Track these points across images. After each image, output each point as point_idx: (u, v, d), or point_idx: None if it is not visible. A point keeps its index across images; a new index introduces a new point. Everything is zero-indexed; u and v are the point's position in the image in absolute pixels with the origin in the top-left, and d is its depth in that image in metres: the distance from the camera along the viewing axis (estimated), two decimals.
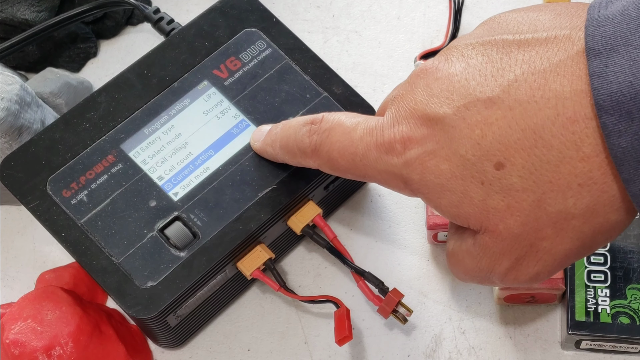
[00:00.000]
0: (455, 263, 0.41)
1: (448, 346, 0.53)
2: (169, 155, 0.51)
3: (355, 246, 0.56)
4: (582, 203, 0.35)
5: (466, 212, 0.37)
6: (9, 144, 0.53)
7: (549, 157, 0.34)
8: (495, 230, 0.37)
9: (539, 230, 0.36)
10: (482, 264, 0.39)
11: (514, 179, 0.35)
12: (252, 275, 0.50)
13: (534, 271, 0.37)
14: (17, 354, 0.49)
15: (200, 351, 0.54)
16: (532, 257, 0.37)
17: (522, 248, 0.37)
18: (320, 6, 0.64)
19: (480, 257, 0.38)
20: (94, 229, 0.49)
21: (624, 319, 0.50)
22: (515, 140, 0.35)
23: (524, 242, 0.36)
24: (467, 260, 0.40)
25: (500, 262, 0.38)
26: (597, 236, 0.36)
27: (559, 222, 0.35)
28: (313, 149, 0.43)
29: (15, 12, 0.60)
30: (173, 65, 0.53)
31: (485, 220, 0.37)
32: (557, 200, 0.35)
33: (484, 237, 0.37)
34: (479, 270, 0.39)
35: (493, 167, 0.35)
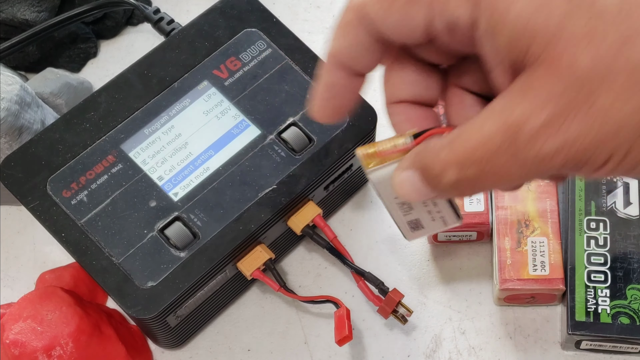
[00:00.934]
0: (463, 140, 0.33)
1: (448, 346, 0.53)
2: (169, 156, 0.51)
3: (355, 246, 0.56)
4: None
5: (534, 28, 0.30)
6: (9, 144, 0.53)
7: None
8: (557, 62, 0.30)
9: (609, 75, 0.30)
10: (512, 115, 0.31)
11: (609, 5, 0.30)
12: (252, 275, 0.50)
13: (571, 135, 0.30)
14: (17, 354, 0.49)
15: (200, 351, 0.54)
16: (583, 111, 0.30)
17: (577, 94, 0.30)
18: (320, 6, 0.64)
19: (514, 105, 0.31)
20: (94, 229, 0.49)
21: (624, 319, 0.50)
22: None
23: (584, 86, 0.30)
24: (489, 123, 0.32)
25: (541, 109, 0.31)
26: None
27: (635, 74, 0.30)
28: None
29: (15, 12, 0.60)
30: (173, 66, 0.53)
31: (552, 45, 0.30)
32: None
33: (532, 73, 0.31)
34: (504, 130, 0.31)
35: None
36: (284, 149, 0.51)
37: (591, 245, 0.52)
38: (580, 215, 0.53)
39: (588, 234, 0.53)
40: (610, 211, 0.53)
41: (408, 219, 0.38)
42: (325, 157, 0.51)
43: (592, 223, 0.53)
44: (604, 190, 0.54)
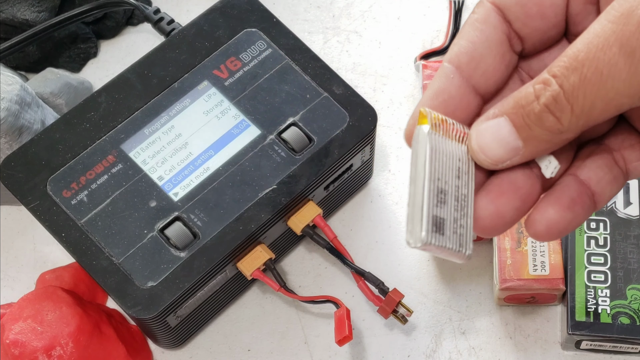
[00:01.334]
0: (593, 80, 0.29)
1: (448, 346, 0.53)
2: (169, 156, 0.51)
3: (356, 246, 0.56)
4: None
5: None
6: (9, 144, 0.53)
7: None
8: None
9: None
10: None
11: None
12: (252, 275, 0.50)
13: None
14: (17, 354, 0.49)
15: (201, 351, 0.54)
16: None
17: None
18: (320, 6, 0.64)
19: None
20: (94, 229, 0.49)
21: (624, 319, 0.50)
22: None
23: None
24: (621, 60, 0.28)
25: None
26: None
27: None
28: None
29: (15, 12, 0.60)
30: (173, 66, 0.53)
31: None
32: None
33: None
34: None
35: None
36: (284, 149, 0.51)
37: (591, 245, 0.52)
38: None
39: (588, 234, 0.53)
40: (610, 211, 0.53)
41: (437, 212, 0.32)
42: (325, 157, 0.51)
43: (592, 223, 0.53)
44: None
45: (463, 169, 0.33)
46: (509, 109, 0.31)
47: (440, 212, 0.32)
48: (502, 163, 0.32)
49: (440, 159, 0.32)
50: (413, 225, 0.32)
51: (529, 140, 0.31)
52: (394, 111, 0.60)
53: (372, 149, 0.54)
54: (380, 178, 0.58)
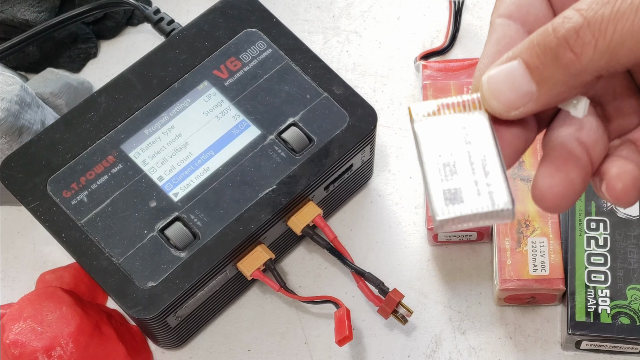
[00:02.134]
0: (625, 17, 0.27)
1: (448, 346, 0.53)
2: (169, 156, 0.51)
3: (356, 246, 0.56)
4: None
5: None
6: (9, 144, 0.53)
7: None
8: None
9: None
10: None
11: None
12: (252, 275, 0.50)
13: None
14: (18, 354, 0.49)
15: (201, 352, 0.54)
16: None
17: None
18: (320, 7, 0.64)
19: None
20: (94, 229, 0.49)
21: (624, 320, 0.50)
22: None
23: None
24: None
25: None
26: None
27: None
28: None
29: (15, 12, 0.60)
30: (173, 66, 0.53)
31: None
32: None
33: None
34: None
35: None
36: (284, 149, 0.51)
37: (591, 246, 0.52)
38: (581, 216, 0.53)
39: (588, 234, 0.53)
40: (611, 211, 0.53)
41: (447, 186, 0.31)
42: (326, 158, 0.51)
43: (592, 223, 0.53)
44: None
45: (473, 133, 0.32)
46: (523, 50, 0.29)
47: (450, 184, 0.31)
48: (515, 110, 0.30)
49: (436, 137, 0.32)
50: (431, 209, 0.31)
51: (543, 83, 0.29)
52: (394, 111, 0.60)
53: (372, 149, 0.54)
54: (380, 178, 0.58)
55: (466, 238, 0.55)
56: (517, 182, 0.54)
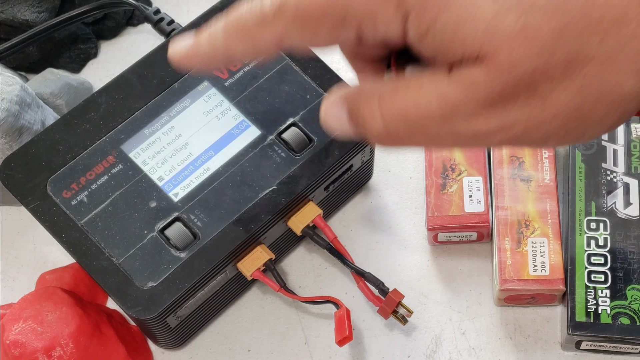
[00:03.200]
0: (398, 97, 0.33)
1: (448, 347, 0.53)
2: (169, 156, 0.51)
3: (356, 247, 0.56)
4: (606, 44, 0.29)
5: (465, 34, 0.30)
6: (9, 144, 0.53)
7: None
8: (495, 59, 0.30)
9: (548, 67, 0.30)
10: (449, 94, 0.31)
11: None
12: (252, 275, 0.50)
13: (511, 119, 0.31)
14: (18, 354, 0.49)
15: (201, 352, 0.54)
16: (522, 100, 0.31)
17: (517, 87, 0.30)
18: None
19: (451, 87, 0.31)
20: (94, 229, 0.49)
21: (624, 320, 0.50)
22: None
23: (524, 79, 0.30)
24: (426, 88, 0.32)
25: (478, 99, 0.31)
26: (599, 104, 0.30)
27: (573, 63, 0.30)
28: (278, 5, 0.34)
29: (15, 12, 0.60)
30: None
31: (487, 44, 0.30)
32: (581, 34, 0.29)
33: (472, 68, 0.31)
34: (439, 103, 0.32)
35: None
36: (284, 149, 0.51)
37: (591, 246, 0.52)
38: (581, 216, 0.53)
39: (588, 235, 0.53)
40: (611, 212, 0.53)
41: None
42: (326, 158, 0.51)
43: (592, 223, 0.53)
44: (604, 191, 0.54)
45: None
46: (348, 102, 0.35)
47: None
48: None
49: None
50: None
51: (361, 134, 0.35)
52: None
53: (372, 150, 0.54)
54: (380, 178, 0.58)
55: (466, 238, 0.55)
56: (517, 182, 0.54)
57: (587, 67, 0.30)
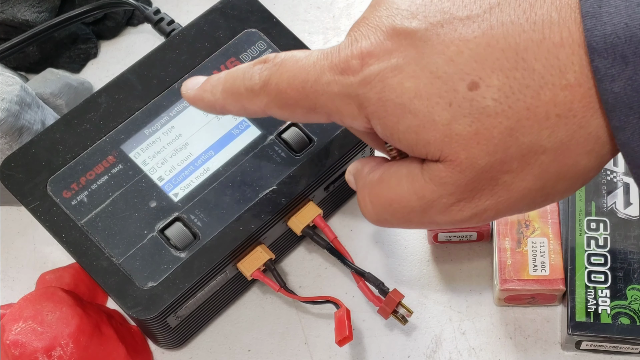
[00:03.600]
0: (383, 190, 0.37)
1: (448, 347, 0.53)
2: (169, 156, 0.51)
3: (356, 247, 0.56)
4: (556, 136, 0.32)
5: (426, 139, 0.33)
6: (10, 144, 0.53)
7: (529, 81, 0.32)
8: (456, 160, 0.33)
9: (505, 162, 0.33)
10: (424, 192, 0.35)
11: (487, 101, 0.32)
12: (252, 275, 0.50)
13: (482, 207, 0.35)
14: (18, 354, 0.49)
15: (201, 352, 0.54)
16: (488, 192, 0.34)
17: (480, 181, 0.34)
18: (320, 7, 0.64)
19: (425, 185, 0.35)
20: (94, 229, 0.49)
21: (624, 320, 0.50)
22: (494, 60, 0.32)
23: (486, 175, 0.33)
24: (405, 185, 0.36)
25: (450, 194, 0.34)
26: (560, 182, 0.33)
27: (527, 155, 0.33)
28: (262, 84, 0.39)
29: (15, 12, 0.60)
30: (173, 66, 0.53)
31: (447, 147, 0.33)
32: (531, 130, 0.32)
33: (439, 167, 0.34)
34: (418, 199, 0.35)
35: (466, 86, 0.32)
36: (284, 149, 0.51)
37: (591, 246, 0.52)
38: (581, 216, 0.53)
39: (588, 235, 0.53)
40: (611, 212, 0.53)
41: None
42: (326, 158, 0.51)
43: (592, 223, 0.53)
44: (604, 191, 0.54)
45: None
46: (356, 181, 0.40)
47: None
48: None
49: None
50: None
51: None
52: None
53: (372, 150, 0.54)
54: None
55: (466, 238, 0.55)
56: None
57: (542, 157, 0.33)
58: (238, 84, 0.40)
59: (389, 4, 0.35)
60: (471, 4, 0.33)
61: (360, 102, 0.35)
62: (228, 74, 0.41)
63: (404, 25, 0.34)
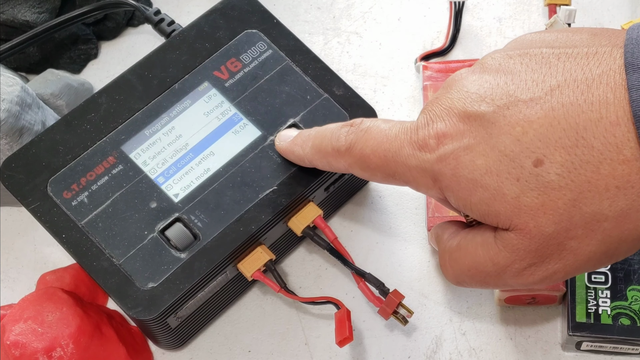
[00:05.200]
0: (461, 257, 0.40)
1: (449, 347, 0.53)
2: (169, 157, 0.51)
3: (356, 247, 0.56)
4: (617, 206, 0.35)
5: (497, 210, 0.37)
6: (10, 145, 0.53)
7: (589, 157, 0.35)
8: (525, 228, 0.37)
9: (570, 230, 0.36)
10: (498, 259, 0.38)
11: (552, 176, 0.36)
12: (252, 276, 0.50)
13: (552, 270, 0.38)
14: (18, 355, 0.49)
15: (201, 352, 0.54)
16: (556, 256, 0.37)
17: (549, 247, 0.37)
18: (321, 7, 0.64)
19: (499, 252, 0.38)
20: (95, 230, 0.49)
21: (625, 320, 0.50)
22: (556, 139, 0.35)
23: (553, 241, 0.37)
24: (481, 252, 0.39)
25: (521, 259, 0.38)
26: (622, 244, 0.36)
27: (590, 223, 0.36)
28: (347, 147, 0.43)
29: (16, 13, 0.60)
30: (174, 67, 0.53)
31: (516, 218, 0.37)
32: (593, 201, 0.35)
33: (510, 235, 0.37)
34: (493, 265, 0.39)
35: (531, 163, 0.36)
36: None
37: None
38: None
39: None
40: None
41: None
42: None
43: None
44: None
45: None
46: (435, 243, 0.45)
47: None
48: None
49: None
50: None
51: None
52: (394, 112, 0.60)
53: None
54: None
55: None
56: None
57: (605, 224, 0.36)
58: (326, 144, 0.45)
59: (459, 88, 0.39)
60: (533, 87, 0.36)
61: (435, 176, 0.39)
62: (318, 132, 0.47)
63: (474, 109, 0.38)
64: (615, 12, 0.63)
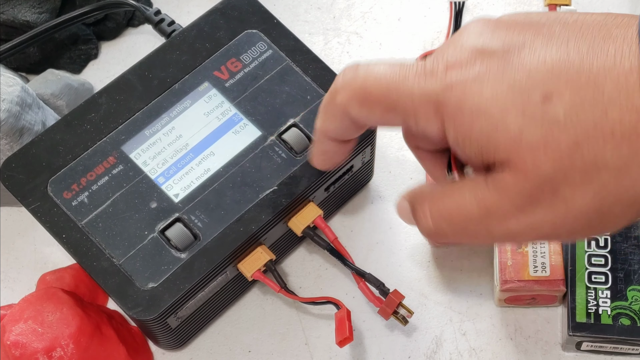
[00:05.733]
0: (444, 200, 0.39)
1: (449, 347, 0.53)
2: (169, 157, 0.51)
3: (356, 247, 0.56)
4: (619, 154, 0.34)
5: (497, 142, 0.36)
6: (10, 145, 0.53)
7: (599, 99, 0.34)
8: (522, 166, 0.35)
9: (567, 173, 0.35)
10: (486, 200, 0.37)
11: (559, 113, 0.35)
12: (252, 276, 0.50)
13: (539, 219, 0.36)
14: (18, 355, 0.49)
15: (201, 352, 0.54)
16: (547, 203, 0.36)
17: (542, 191, 0.35)
18: (321, 7, 0.64)
19: (488, 193, 0.37)
20: (95, 230, 0.49)
21: (625, 321, 0.50)
22: (567, 78, 0.35)
23: (548, 184, 0.35)
24: (467, 195, 0.38)
25: (511, 201, 0.36)
26: (617, 204, 0.35)
27: (590, 170, 0.35)
28: (352, 76, 0.41)
29: (16, 13, 0.60)
30: (174, 67, 0.53)
31: (515, 153, 0.35)
32: (596, 145, 0.34)
33: (504, 175, 0.36)
34: (479, 207, 0.37)
35: (540, 98, 0.35)
36: (284, 150, 0.51)
37: (592, 247, 0.52)
38: None
39: None
40: None
41: None
42: None
43: None
44: None
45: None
46: (410, 200, 0.41)
47: None
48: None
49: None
50: None
51: (418, 227, 0.41)
52: None
53: (372, 150, 0.54)
54: (381, 179, 0.58)
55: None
56: None
57: (603, 173, 0.34)
58: (327, 96, 0.42)
59: (472, 29, 0.38)
60: (549, 35, 0.36)
61: (438, 105, 0.37)
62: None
63: (487, 45, 0.37)
64: (615, 12, 0.63)
